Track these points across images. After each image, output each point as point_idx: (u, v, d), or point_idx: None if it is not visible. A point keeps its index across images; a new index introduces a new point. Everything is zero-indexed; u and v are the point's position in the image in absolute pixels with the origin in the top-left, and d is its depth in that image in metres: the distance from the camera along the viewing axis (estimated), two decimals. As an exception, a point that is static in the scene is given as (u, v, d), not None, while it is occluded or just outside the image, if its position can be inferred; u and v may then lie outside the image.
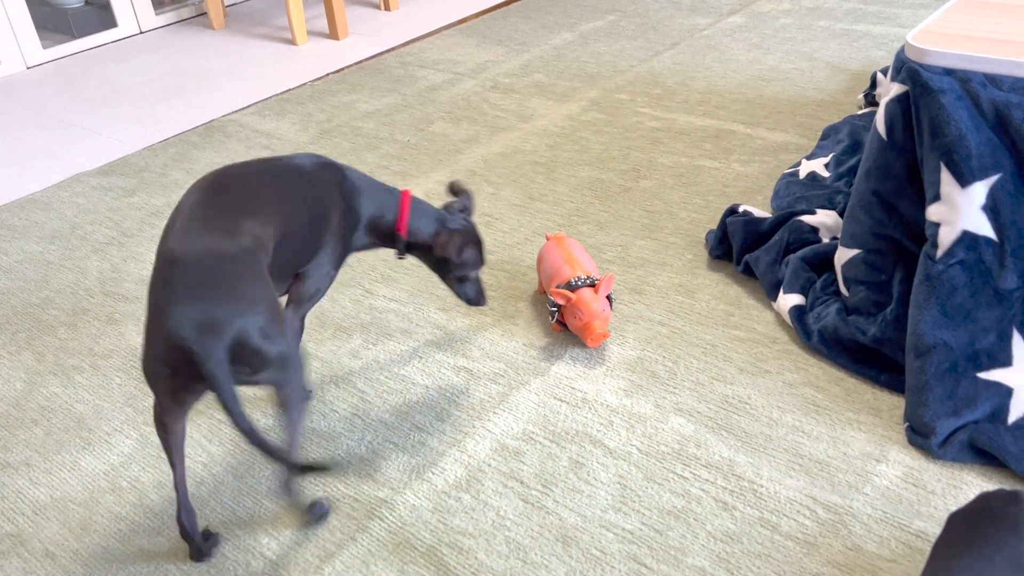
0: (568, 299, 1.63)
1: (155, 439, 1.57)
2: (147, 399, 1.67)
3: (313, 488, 1.43)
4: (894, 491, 1.35)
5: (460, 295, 1.61)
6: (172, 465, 1.26)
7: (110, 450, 1.55)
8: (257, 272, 1.16)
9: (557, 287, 1.67)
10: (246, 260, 1.16)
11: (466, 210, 1.62)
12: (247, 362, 1.12)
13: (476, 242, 1.57)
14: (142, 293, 2.01)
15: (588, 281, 1.67)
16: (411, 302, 1.90)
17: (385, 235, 1.50)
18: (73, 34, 3.80)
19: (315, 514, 1.37)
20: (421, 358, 1.72)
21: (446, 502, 1.39)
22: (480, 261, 1.58)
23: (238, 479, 1.47)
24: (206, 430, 1.58)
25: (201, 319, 1.07)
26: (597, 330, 1.62)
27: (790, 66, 2.98)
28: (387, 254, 2.07)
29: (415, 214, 1.52)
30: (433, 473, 1.45)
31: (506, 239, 2.11)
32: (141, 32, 4.03)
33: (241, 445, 1.54)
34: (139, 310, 1.95)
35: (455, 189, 1.64)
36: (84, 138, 2.91)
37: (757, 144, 2.47)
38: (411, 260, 1.87)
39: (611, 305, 1.68)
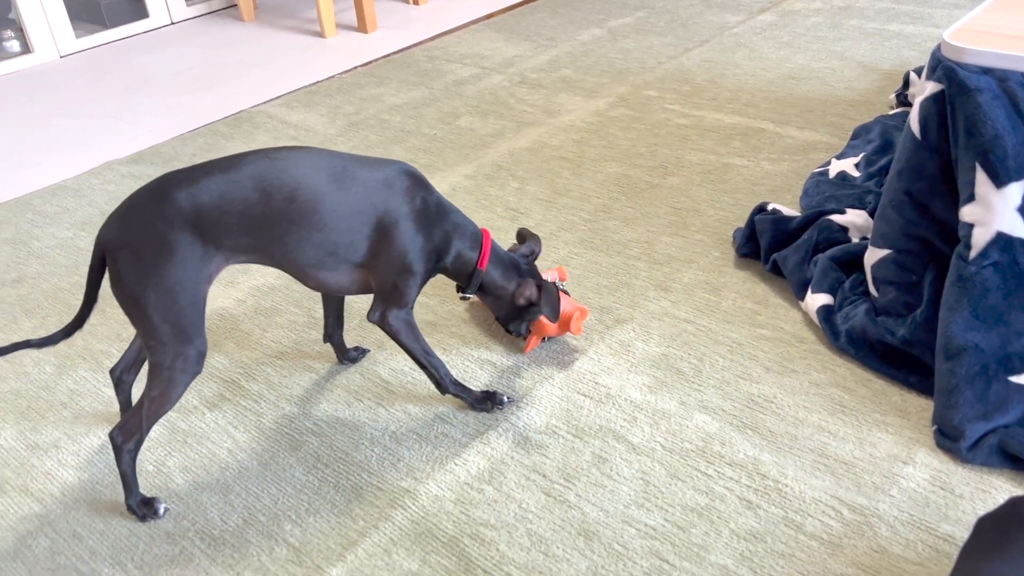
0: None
1: (182, 425, 1.59)
2: (174, 385, 1.68)
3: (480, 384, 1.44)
4: (921, 494, 1.34)
5: (514, 331, 1.64)
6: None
7: (137, 434, 1.57)
8: None
9: None
10: None
11: (532, 254, 1.64)
12: None
13: (555, 303, 1.53)
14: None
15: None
16: (436, 295, 1.90)
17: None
18: (106, 24, 3.84)
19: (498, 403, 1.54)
20: (445, 350, 1.72)
21: (468, 493, 1.40)
22: (555, 317, 1.53)
23: (263, 466, 1.48)
24: (231, 416, 1.60)
25: None
26: (577, 318, 1.62)
27: (821, 65, 2.95)
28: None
29: (495, 254, 1.55)
30: (456, 464, 1.45)
31: (532, 233, 2.11)
32: (172, 23, 4.06)
33: (267, 431, 1.55)
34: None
35: (524, 234, 1.67)
36: (115, 127, 2.94)
37: (787, 143, 2.45)
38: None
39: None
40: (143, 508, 1.40)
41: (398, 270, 1.41)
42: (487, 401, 1.55)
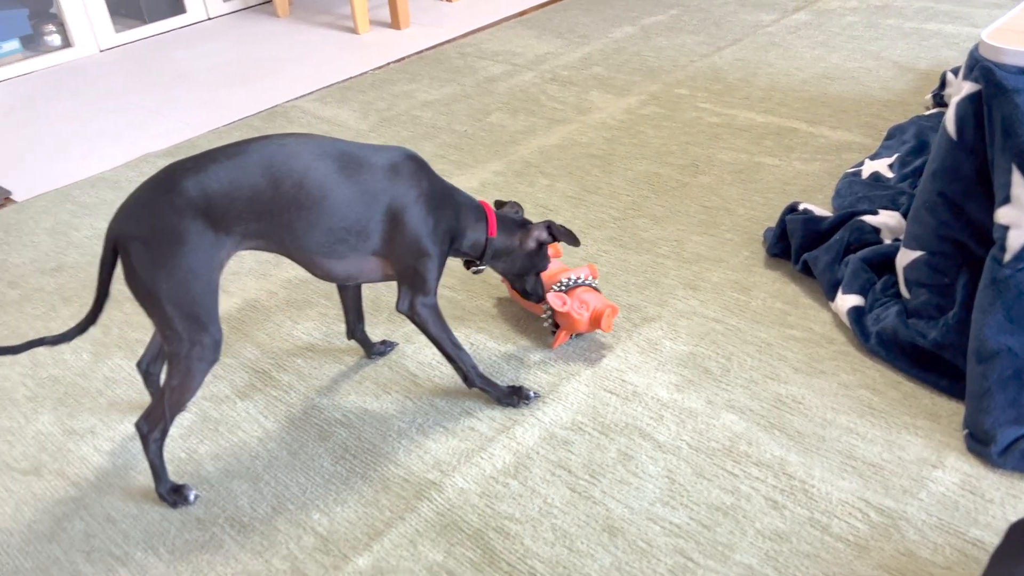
0: (564, 301, 1.62)
1: (214, 414, 1.61)
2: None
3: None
4: (950, 498, 1.32)
5: (530, 293, 1.64)
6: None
7: (170, 422, 1.60)
8: None
9: (551, 292, 1.67)
10: None
11: (519, 212, 1.66)
12: None
13: (567, 230, 1.57)
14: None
15: (576, 280, 1.67)
16: (464, 290, 1.92)
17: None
18: (144, 19, 3.91)
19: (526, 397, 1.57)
20: (472, 345, 1.73)
21: (494, 487, 1.41)
22: (574, 241, 1.56)
23: (292, 455, 1.50)
24: (262, 406, 1.62)
25: None
26: (608, 315, 1.62)
27: (856, 64, 2.92)
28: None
29: (498, 220, 1.57)
30: (482, 458, 1.46)
31: (561, 230, 2.11)
32: (209, 18, 4.12)
33: (297, 422, 1.58)
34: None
35: (501, 202, 1.70)
36: (152, 120, 2.99)
37: (819, 143, 2.43)
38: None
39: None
40: (173, 495, 1.42)
41: (415, 255, 1.43)
42: (513, 396, 1.56)
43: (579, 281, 1.68)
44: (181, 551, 1.34)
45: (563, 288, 1.66)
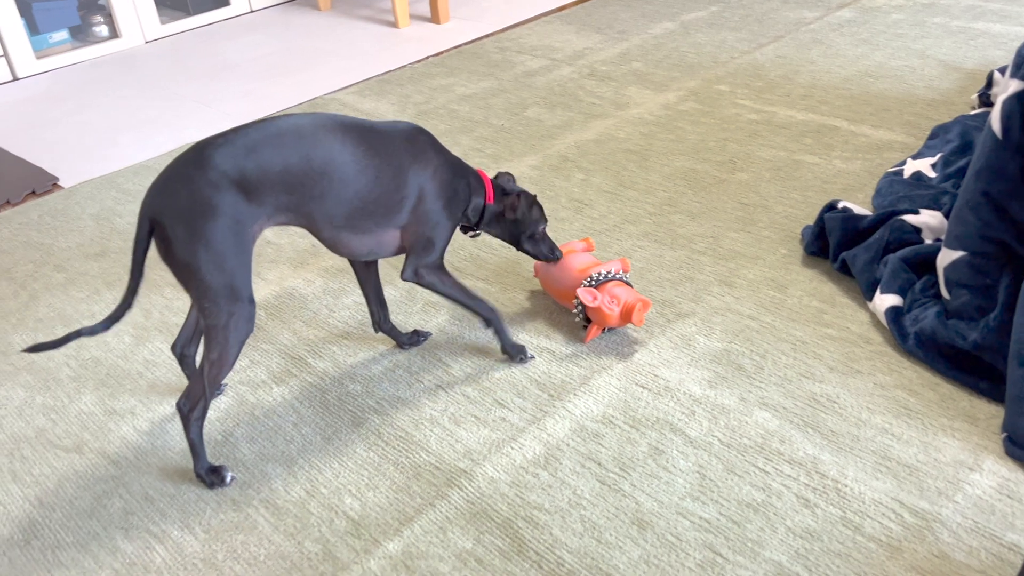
0: (595, 296, 1.62)
1: (250, 398, 1.64)
2: (244, 359, 1.74)
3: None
4: (987, 501, 1.30)
5: (538, 254, 1.69)
6: None
7: (207, 404, 1.63)
8: None
9: (581, 287, 1.67)
10: None
11: (511, 181, 1.69)
12: None
13: (534, 200, 1.66)
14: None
15: (606, 275, 1.67)
16: (498, 282, 1.92)
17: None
18: (189, 11, 3.97)
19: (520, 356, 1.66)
20: (506, 336, 1.74)
21: (524, 477, 1.41)
22: (543, 217, 1.67)
23: (325, 440, 1.53)
24: (297, 392, 1.65)
25: None
26: (639, 309, 1.62)
27: (900, 63, 2.87)
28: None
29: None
30: (512, 448, 1.47)
31: (595, 225, 2.11)
32: (252, 11, 4.17)
33: (331, 408, 1.60)
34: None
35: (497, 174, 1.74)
36: (194, 110, 3.04)
37: (861, 141, 2.39)
38: (496, 242, 1.90)
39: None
40: (211, 475, 1.45)
41: (432, 225, 1.51)
42: (517, 351, 1.66)
43: (610, 276, 1.68)
44: (216, 530, 1.37)
45: (593, 283, 1.66)
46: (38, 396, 1.69)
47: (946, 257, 1.62)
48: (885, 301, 1.67)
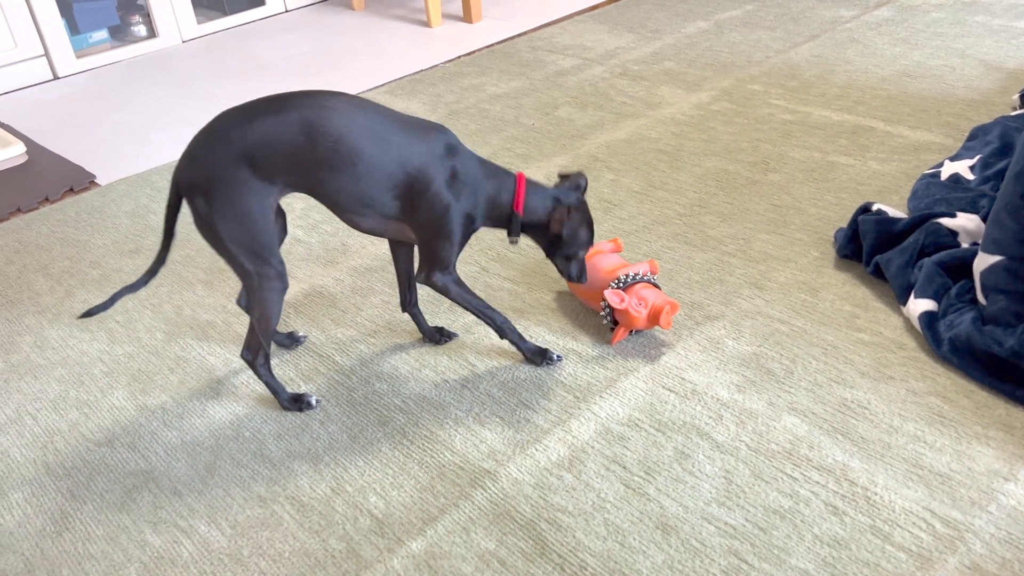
0: (623, 298, 1.61)
1: (272, 398, 1.66)
2: (272, 357, 1.76)
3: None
4: (1022, 512, 1.27)
5: (564, 272, 1.62)
6: None
7: (236, 401, 1.65)
8: None
9: (609, 289, 1.66)
10: None
11: (579, 188, 1.62)
12: None
13: (589, 221, 1.58)
14: (273, 257, 2.12)
15: (635, 276, 1.66)
16: (524, 282, 1.92)
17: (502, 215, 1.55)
18: (225, 11, 4.02)
19: (549, 359, 1.65)
20: (531, 337, 1.74)
21: (548, 479, 1.41)
22: (590, 241, 1.59)
23: (351, 438, 1.53)
24: (324, 389, 1.66)
25: None
26: (667, 312, 1.60)
27: (939, 63, 2.82)
28: (503, 234, 2.09)
29: (531, 193, 1.55)
30: (536, 450, 1.47)
31: (624, 226, 2.10)
32: (287, 11, 4.21)
33: (357, 406, 1.60)
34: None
35: (564, 174, 1.67)
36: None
37: (897, 142, 2.35)
38: (525, 242, 1.90)
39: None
40: (296, 403, 1.61)
41: (434, 233, 1.49)
42: (539, 355, 1.65)
43: (637, 277, 1.66)
44: (243, 526, 1.38)
45: (621, 285, 1.65)
46: (72, 390, 1.72)
47: (983, 261, 1.59)
48: (919, 306, 1.64)
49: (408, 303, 1.72)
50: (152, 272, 1.56)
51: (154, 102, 3.22)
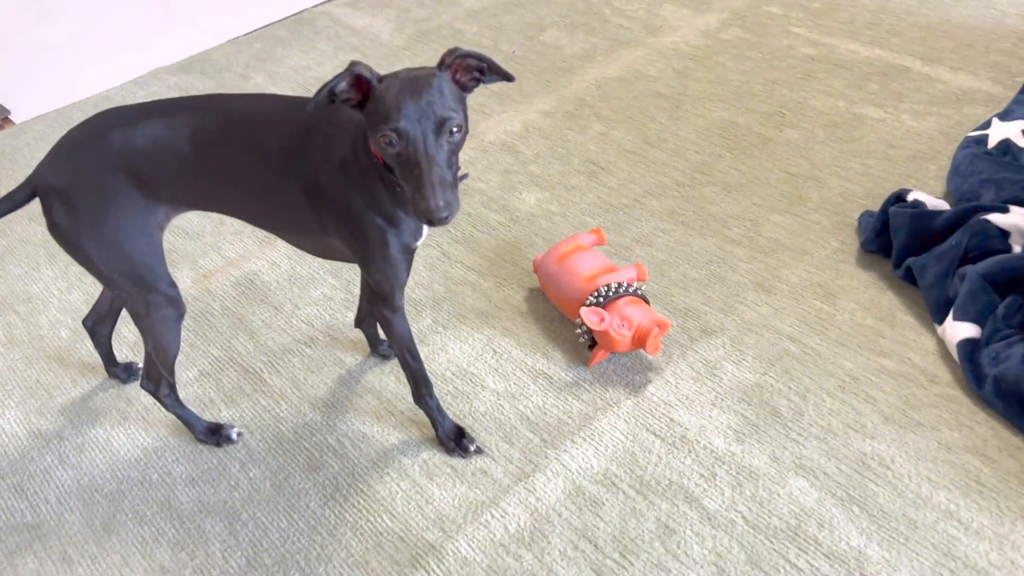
0: (602, 318, 1.33)
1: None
2: (192, 369, 1.49)
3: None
4: (1076, 633, 1.05)
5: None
6: None
7: (146, 430, 1.40)
8: None
9: (585, 305, 1.38)
10: None
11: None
12: None
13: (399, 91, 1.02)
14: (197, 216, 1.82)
15: (617, 290, 1.38)
16: (492, 274, 1.63)
17: None
18: None
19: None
20: (495, 352, 1.47)
21: (503, 560, 1.17)
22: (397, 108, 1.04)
23: (276, 488, 1.29)
24: (248, 418, 1.41)
25: None
26: (655, 336, 1.34)
27: (989, -20, 2.41)
28: (487, 197, 1.79)
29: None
30: (493, 516, 1.23)
31: (612, 198, 1.79)
32: None
33: (285, 443, 1.35)
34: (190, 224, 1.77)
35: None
36: (170, 24, 2.69)
37: (936, 89, 2.01)
38: (495, 219, 1.59)
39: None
40: (212, 437, 1.37)
41: (357, 232, 1.11)
42: (453, 441, 1.31)
43: (620, 290, 1.38)
44: (138, 613, 1.16)
45: (601, 299, 1.37)
46: None
47: (1043, 283, 1.30)
48: (959, 331, 1.36)
49: (364, 322, 1.45)
50: None
51: (80, 14, 2.81)
